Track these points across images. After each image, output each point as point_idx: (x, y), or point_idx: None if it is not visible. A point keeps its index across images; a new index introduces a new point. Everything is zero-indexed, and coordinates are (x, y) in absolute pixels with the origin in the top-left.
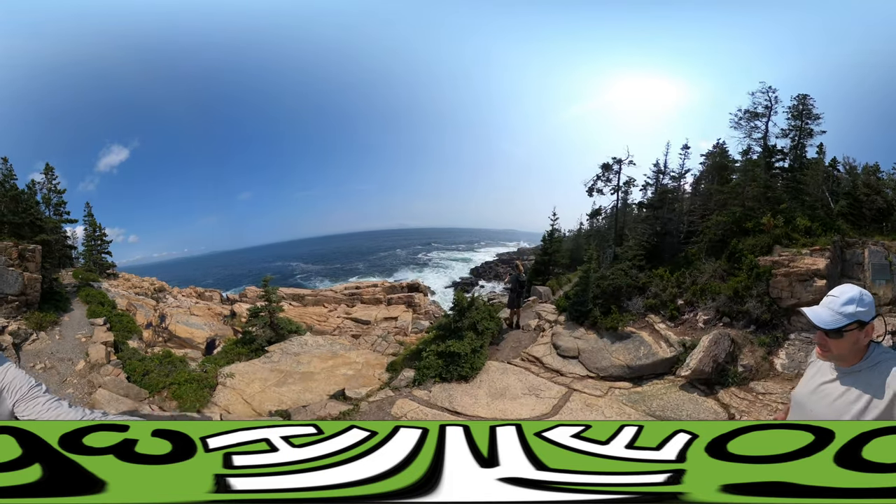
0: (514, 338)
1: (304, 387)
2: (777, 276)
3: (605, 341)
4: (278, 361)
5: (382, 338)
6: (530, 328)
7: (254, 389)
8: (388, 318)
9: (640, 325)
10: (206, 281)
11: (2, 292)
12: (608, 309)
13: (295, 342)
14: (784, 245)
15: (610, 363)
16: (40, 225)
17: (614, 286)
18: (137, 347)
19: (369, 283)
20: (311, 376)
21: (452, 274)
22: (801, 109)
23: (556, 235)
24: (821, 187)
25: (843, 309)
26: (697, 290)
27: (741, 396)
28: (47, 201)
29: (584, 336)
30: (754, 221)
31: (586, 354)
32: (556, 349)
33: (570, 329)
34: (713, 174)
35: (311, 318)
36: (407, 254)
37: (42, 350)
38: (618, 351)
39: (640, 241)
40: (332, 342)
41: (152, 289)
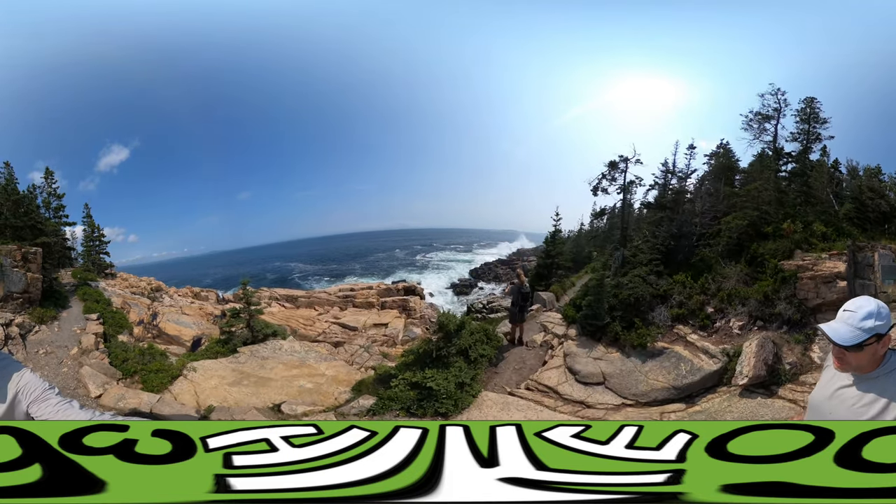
0: (517, 357)
1: (254, 391)
2: (803, 279)
3: (634, 361)
4: (244, 363)
5: (365, 348)
6: (535, 344)
7: (208, 385)
8: (378, 325)
9: (671, 339)
10: (205, 281)
11: (8, 290)
12: (631, 322)
13: (269, 346)
14: (804, 250)
15: (649, 386)
16: (41, 228)
17: (635, 296)
18: (127, 341)
19: (364, 286)
20: (266, 382)
21: (452, 275)
22: (808, 113)
23: (559, 236)
24: (825, 190)
25: (863, 324)
26: (725, 296)
27: (800, 390)
28: (47, 205)
29: (606, 356)
30: (773, 226)
31: (615, 379)
32: (574, 374)
33: (585, 347)
34: (720, 175)
35: (298, 322)
36: (406, 254)
37: (43, 339)
38: (653, 371)
39: (653, 244)
40: (309, 350)
41: (149, 288)
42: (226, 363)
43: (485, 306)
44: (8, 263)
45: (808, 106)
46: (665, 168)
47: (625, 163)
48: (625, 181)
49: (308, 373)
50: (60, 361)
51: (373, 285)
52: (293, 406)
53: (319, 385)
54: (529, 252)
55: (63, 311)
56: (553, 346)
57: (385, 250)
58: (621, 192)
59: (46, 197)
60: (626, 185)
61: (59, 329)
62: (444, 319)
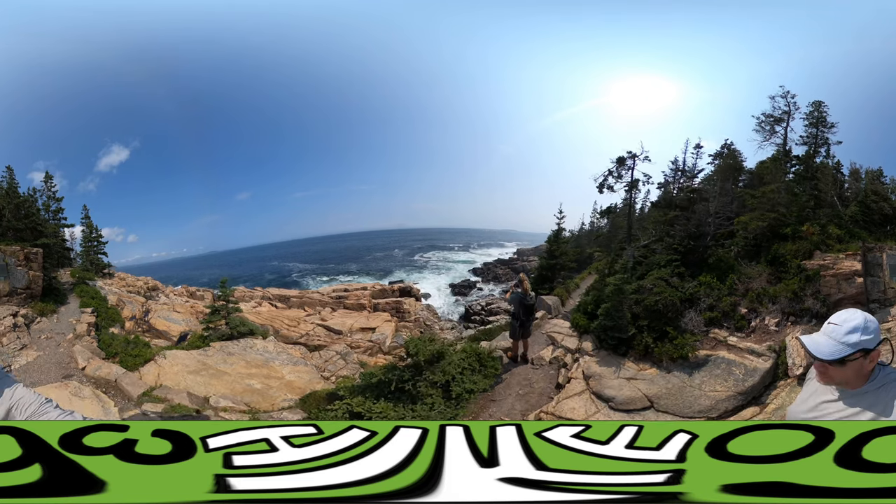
0: (521, 378)
1: (206, 382)
2: (826, 277)
3: (679, 375)
4: (210, 356)
5: (342, 355)
6: (544, 361)
7: (171, 370)
8: (366, 329)
9: (710, 345)
10: (202, 280)
11: (13, 286)
12: (662, 332)
13: (241, 343)
14: (823, 251)
15: (712, 399)
16: (41, 230)
17: (663, 302)
18: (117, 333)
19: (358, 286)
20: (221, 375)
21: (450, 275)
22: (816, 116)
23: (563, 236)
24: (830, 192)
25: (847, 339)
26: (754, 296)
27: None
28: (47, 208)
29: (641, 374)
30: (792, 228)
31: (666, 400)
32: (608, 402)
33: (609, 365)
34: (727, 175)
35: (282, 322)
36: (404, 254)
37: (44, 328)
38: (707, 382)
39: (668, 244)
40: (282, 351)
41: (145, 287)
42: (194, 354)
43: (483, 308)
44: (12, 263)
45: (815, 109)
46: (675, 167)
47: (633, 159)
48: (632, 178)
49: (265, 374)
50: (58, 344)
51: (367, 286)
52: (219, 399)
53: (268, 388)
54: (529, 252)
55: (61, 306)
56: (566, 363)
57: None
58: (629, 190)
59: (46, 200)
60: (633, 182)
61: (58, 320)
62: (414, 346)
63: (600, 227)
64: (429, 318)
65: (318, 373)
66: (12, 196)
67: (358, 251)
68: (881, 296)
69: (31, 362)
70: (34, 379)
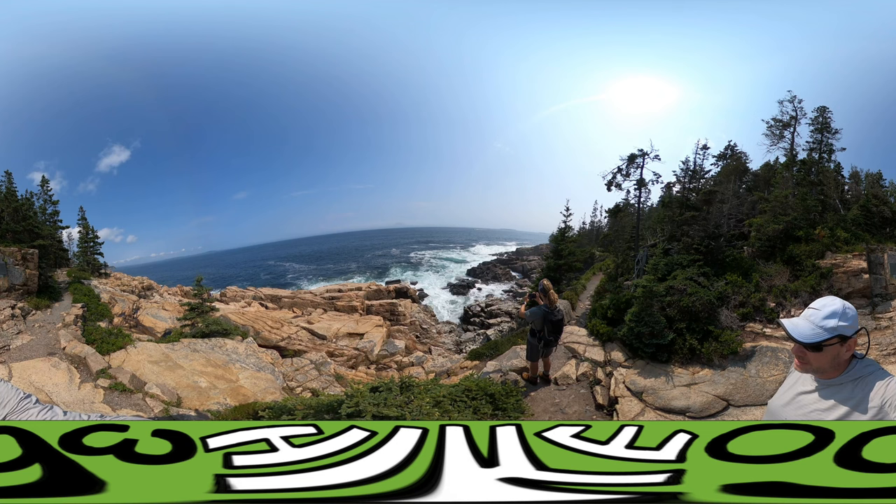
0: (547, 401)
1: (159, 371)
2: (837, 273)
3: (737, 370)
4: (175, 350)
5: (317, 365)
6: (571, 380)
7: (136, 358)
8: (353, 335)
9: (750, 338)
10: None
11: (11, 283)
12: (706, 332)
13: (211, 342)
14: (833, 251)
15: (776, 382)
16: (37, 232)
17: (701, 302)
18: (105, 327)
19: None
20: (175, 369)
21: (449, 274)
22: (821, 122)
23: (569, 234)
24: (833, 196)
25: (824, 323)
26: (777, 291)
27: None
28: (43, 210)
29: (698, 377)
30: (805, 230)
31: (739, 395)
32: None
33: (655, 375)
34: (733, 177)
35: (264, 324)
36: (401, 253)
37: (38, 319)
38: (763, 370)
39: (688, 244)
40: (251, 354)
41: (140, 287)
42: (162, 347)
43: (483, 309)
44: (10, 262)
45: (820, 115)
46: (685, 167)
47: (642, 157)
48: (641, 177)
49: (220, 374)
50: (48, 331)
51: (362, 286)
52: (152, 386)
53: (212, 388)
54: (529, 252)
55: (56, 302)
56: (599, 379)
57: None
58: (638, 188)
59: (42, 203)
60: (642, 180)
61: (51, 313)
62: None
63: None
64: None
65: (282, 381)
66: (10, 200)
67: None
68: (883, 291)
69: (25, 344)
70: (26, 355)
